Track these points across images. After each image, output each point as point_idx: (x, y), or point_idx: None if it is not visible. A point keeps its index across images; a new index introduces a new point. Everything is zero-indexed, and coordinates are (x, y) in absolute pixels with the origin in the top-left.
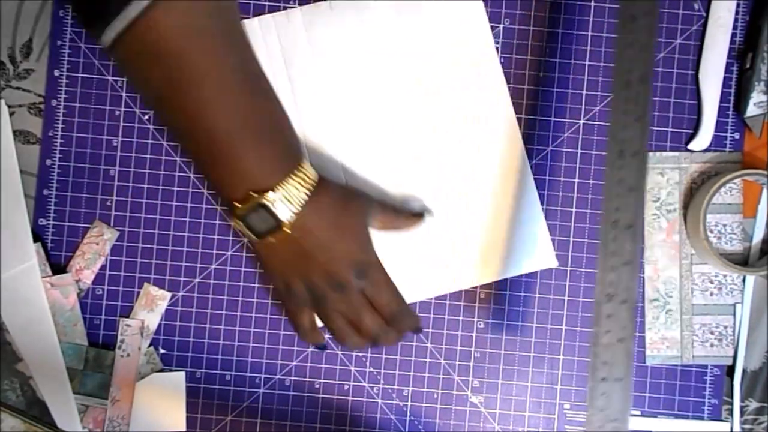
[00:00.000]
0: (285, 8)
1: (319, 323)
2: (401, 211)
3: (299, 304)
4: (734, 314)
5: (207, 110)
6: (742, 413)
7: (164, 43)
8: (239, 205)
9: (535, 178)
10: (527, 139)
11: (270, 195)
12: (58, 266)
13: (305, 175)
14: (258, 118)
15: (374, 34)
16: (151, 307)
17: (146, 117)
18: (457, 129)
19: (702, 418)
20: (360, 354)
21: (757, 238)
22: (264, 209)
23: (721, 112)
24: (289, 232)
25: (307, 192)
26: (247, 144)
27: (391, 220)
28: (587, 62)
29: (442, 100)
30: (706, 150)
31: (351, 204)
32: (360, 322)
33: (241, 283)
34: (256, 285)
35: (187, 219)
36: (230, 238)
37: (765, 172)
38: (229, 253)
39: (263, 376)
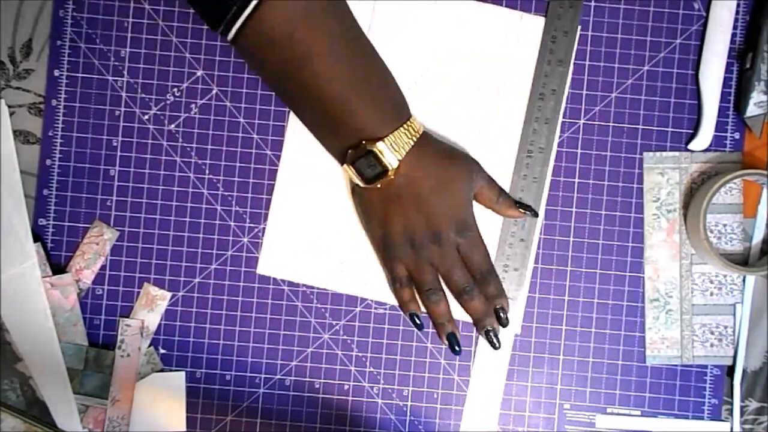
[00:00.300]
0: None
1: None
2: (506, 195)
3: (396, 254)
4: (734, 314)
5: (320, 81)
6: (742, 413)
7: (275, 31)
8: (351, 152)
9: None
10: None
11: (379, 144)
12: (58, 266)
13: (411, 127)
14: (366, 78)
15: (381, 24)
16: (151, 307)
17: (146, 117)
18: (461, 125)
19: (702, 418)
20: (360, 354)
21: (757, 238)
22: (372, 155)
23: (721, 112)
24: (393, 177)
25: (412, 141)
26: (359, 103)
27: (492, 199)
28: (587, 62)
29: (447, 96)
30: (706, 150)
31: (456, 161)
32: (450, 274)
33: (241, 283)
34: (256, 285)
35: (187, 219)
36: (230, 238)
37: (765, 172)
38: (229, 253)
39: (263, 376)
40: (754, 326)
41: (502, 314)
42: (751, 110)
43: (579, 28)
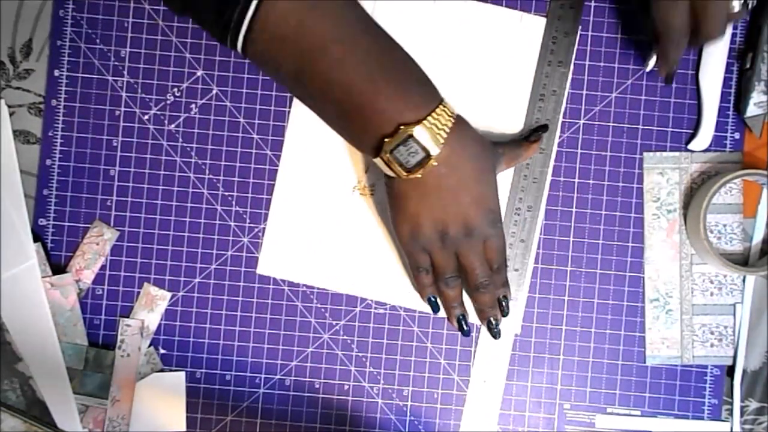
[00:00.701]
0: None
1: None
2: (520, 142)
3: (424, 244)
4: (734, 314)
5: (343, 67)
6: (742, 413)
7: (282, 26)
8: (387, 140)
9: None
10: None
11: (418, 127)
12: (58, 266)
13: (447, 109)
14: (391, 59)
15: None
16: (151, 307)
17: (146, 117)
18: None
19: (702, 418)
20: (360, 354)
21: (757, 238)
22: (412, 140)
23: (721, 112)
24: (436, 164)
25: (450, 123)
26: (389, 85)
27: (515, 155)
28: (587, 62)
29: (446, 96)
30: (707, 150)
31: (488, 148)
32: (473, 268)
33: (241, 283)
34: (256, 285)
35: (187, 219)
36: (230, 238)
37: (765, 172)
38: (229, 253)
39: (263, 376)
40: (754, 326)
41: (504, 303)
42: (751, 110)
43: (579, 28)
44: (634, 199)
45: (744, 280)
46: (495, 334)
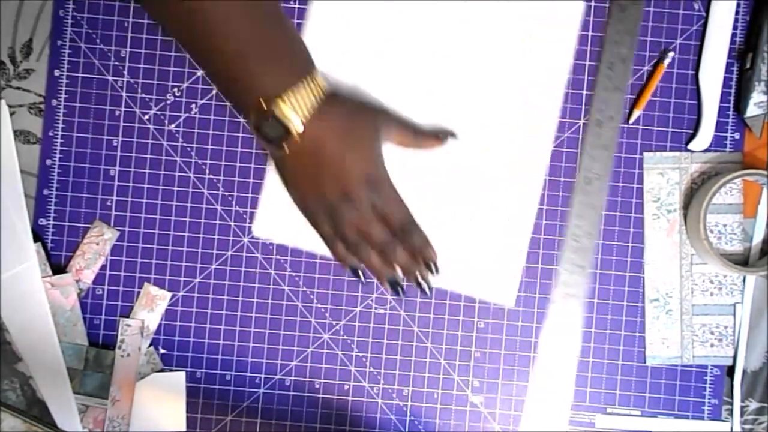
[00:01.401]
0: None
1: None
2: (421, 129)
3: (315, 219)
4: (734, 314)
5: (216, 37)
6: (742, 413)
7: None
8: (253, 114)
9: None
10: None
11: (279, 103)
12: (58, 266)
13: (315, 84)
14: (262, 36)
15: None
16: (151, 307)
17: (146, 117)
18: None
19: (702, 418)
20: (360, 354)
21: (758, 238)
22: (274, 117)
23: (721, 112)
24: (299, 140)
25: (316, 101)
26: (253, 59)
27: (408, 137)
28: (587, 62)
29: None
30: (707, 150)
31: (361, 114)
32: (368, 232)
33: (241, 283)
34: (256, 285)
35: (187, 219)
36: (230, 238)
37: (765, 172)
38: (229, 253)
39: (263, 376)
40: (754, 326)
41: (432, 265)
42: (751, 110)
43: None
44: (634, 199)
45: (744, 280)
46: (423, 291)
